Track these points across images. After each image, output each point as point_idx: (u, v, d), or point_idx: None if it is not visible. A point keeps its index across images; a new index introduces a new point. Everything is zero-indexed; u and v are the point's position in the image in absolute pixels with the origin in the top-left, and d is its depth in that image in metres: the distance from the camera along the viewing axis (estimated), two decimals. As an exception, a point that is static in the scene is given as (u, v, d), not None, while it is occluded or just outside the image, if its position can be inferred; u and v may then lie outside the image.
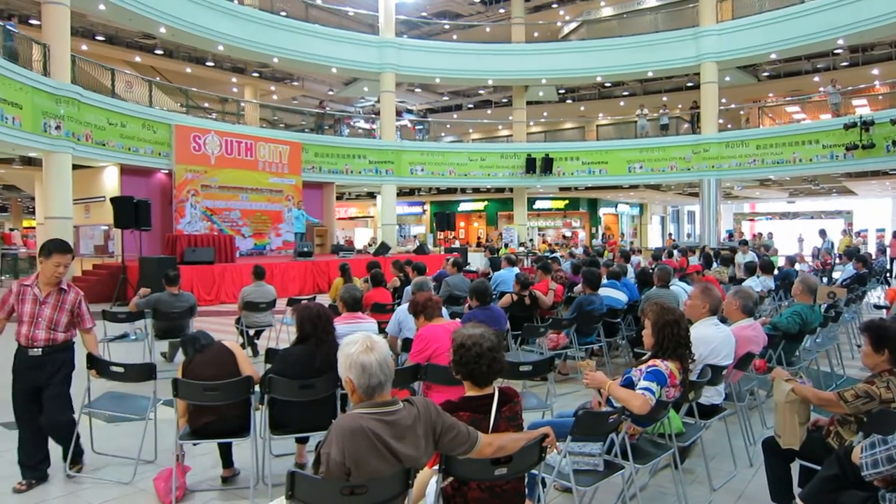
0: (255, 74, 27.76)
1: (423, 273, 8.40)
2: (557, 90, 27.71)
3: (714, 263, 12.37)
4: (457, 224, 31.12)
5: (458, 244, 26.13)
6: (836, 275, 13.54)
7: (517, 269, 9.46)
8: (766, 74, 26.83)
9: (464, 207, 34.98)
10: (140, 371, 4.42)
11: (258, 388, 4.01)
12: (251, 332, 8.33)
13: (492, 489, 2.69)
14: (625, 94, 30.81)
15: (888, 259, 19.55)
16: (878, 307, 11.62)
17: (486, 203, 34.15)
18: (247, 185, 18.63)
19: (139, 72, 21.72)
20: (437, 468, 2.55)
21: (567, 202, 33.47)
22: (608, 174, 23.25)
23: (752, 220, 44.14)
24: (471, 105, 35.09)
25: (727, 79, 23.26)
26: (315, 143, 21.27)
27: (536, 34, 26.95)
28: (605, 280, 7.99)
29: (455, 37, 27.64)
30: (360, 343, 2.40)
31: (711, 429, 4.77)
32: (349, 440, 2.24)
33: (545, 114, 31.99)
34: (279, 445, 4.57)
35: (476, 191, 31.46)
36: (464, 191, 31.33)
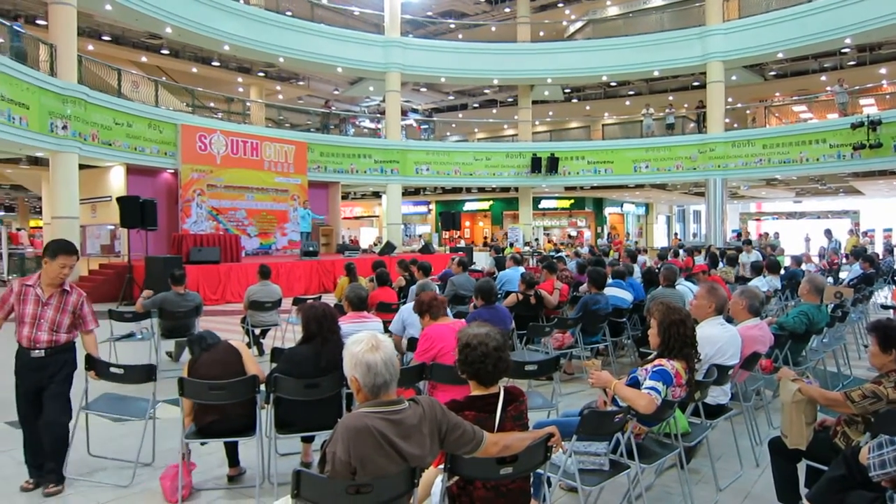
0: (261, 74, 27.82)
1: (429, 273, 8.40)
2: (563, 89, 27.69)
3: (720, 263, 12.33)
4: (462, 223, 31.13)
5: (464, 243, 26.13)
6: (843, 275, 13.49)
7: (522, 269, 9.44)
8: (773, 74, 26.74)
9: (469, 207, 34.96)
10: (140, 372, 4.38)
11: (264, 388, 4.01)
12: (257, 332, 8.34)
13: (497, 488, 2.69)
14: (630, 94, 30.75)
15: (895, 259, 19.46)
16: (886, 307, 11.58)
17: (492, 202, 34.14)
18: (252, 185, 18.67)
19: (145, 72, 21.79)
20: (443, 467, 2.55)
21: (572, 202, 33.43)
22: (614, 174, 23.23)
23: (759, 220, 44.00)
24: (476, 104, 35.08)
25: (733, 78, 23.21)
26: (320, 143, 21.31)
27: (542, 33, 26.97)
28: (611, 279, 7.97)
29: (460, 36, 27.66)
30: (366, 342, 2.40)
31: (717, 429, 4.75)
32: (355, 439, 2.24)
33: (551, 113, 31.94)
34: (285, 444, 4.57)
35: (481, 190, 31.45)
36: (469, 190, 31.33)
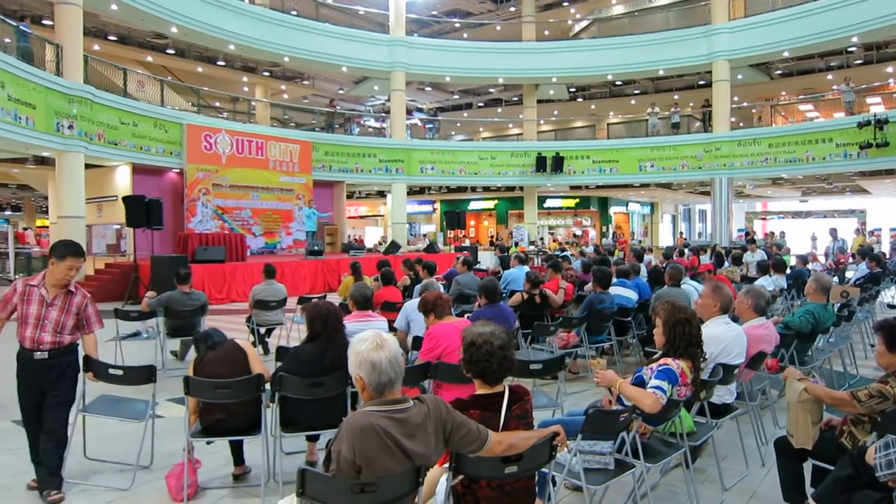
0: (266, 74, 27.83)
1: (434, 272, 8.40)
2: (568, 88, 27.63)
3: (725, 262, 12.31)
4: (467, 223, 31.11)
5: (469, 243, 26.13)
6: (850, 274, 13.44)
7: (527, 268, 9.44)
8: (779, 72, 26.63)
9: (474, 206, 34.95)
10: (140, 373, 4.32)
11: (269, 386, 4.02)
12: (262, 331, 8.37)
13: (502, 487, 2.69)
14: (636, 93, 30.67)
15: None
16: (892, 306, 11.57)
17: (497, 202, 34.13)
18: (258, 184, 18.69)
19: (151, 71, 21.83)
20: (448, 466, 2.55)
21: (577, 201, 33.40)
22: (619, 173, 23.17)
23: (765, 219, 43.91)
24: (481, 104, 35.04)
25: (739, 77, 23.12)
26: (325, 142, 21.32)
27: (547, 32, 26.90)
28: (615, 279, 7.96)
29: (465, 35, 27.63)
30: (371, 341, 2.40)
31: (723, 428, 4.74)
32: (360, 438, 2.24)
33: (556, 112, 31.90)
34: (290, 443, 4.57)
35: (486, 189, 31.46)
36: (474, 189, 31.34)
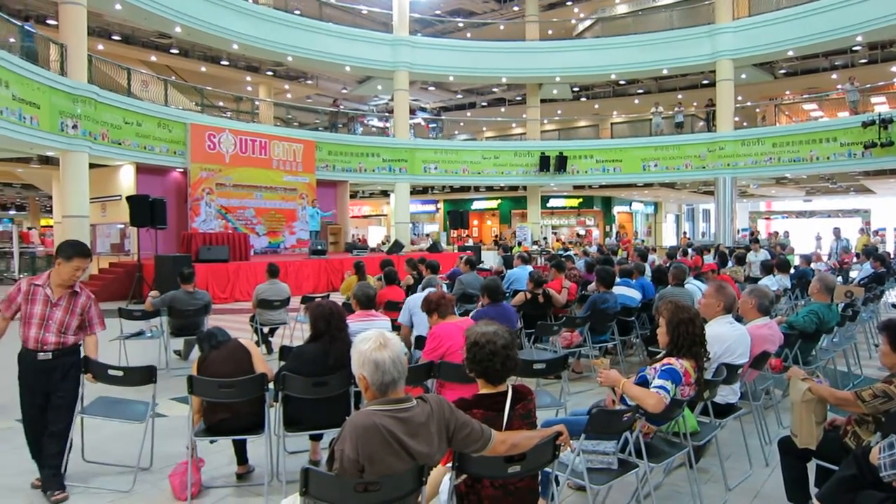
0: (270, 73, 27.88)
1: (437, 271, 8.40)
2: (572, 88, 27.62)
3: (729, 262, 12.28)
4: (470, 222, 31.09)
5: (472, 242, 26.13)
6: (854, 274, 13.41)
7: (531, 268, 9.44)
8: (783, 72, 26.59)
9: (477, 206, 34.96)
10: (139, 374, 4.28)
11: (272, 386, 4.02)
12: (265, 330, 8.38)
13: (505, 487, 2.69)
14: (640, 92, 30.65)
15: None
16: (897, 306, 11.50)
17: (500, 201, 34.12)
18: (261, 184, 18.71)
19: (155, 71, 21.87)
20: (451, 465, 2.55)
21: (581, 200, 33.38)
22: (622, 172, 23.16)
23: (768, 219, 43.85)
24: (484, 103, 35.06)
25: (743, 76, 23.08)
26: (329, 142, 21.33)
27: (551, 32, 26.89)
28: (619, 278, 7.95)
29: (469, 35, 27.64)
30: (374, 340, 2.40)
31: (726, 428, 4.74)
32: (363, 437, 2.24)
33: (559, 112, 31.89)
34: (293, 442, 4.58)
35: (489, 189, 31.47)
36: (477, 189, 31.34)
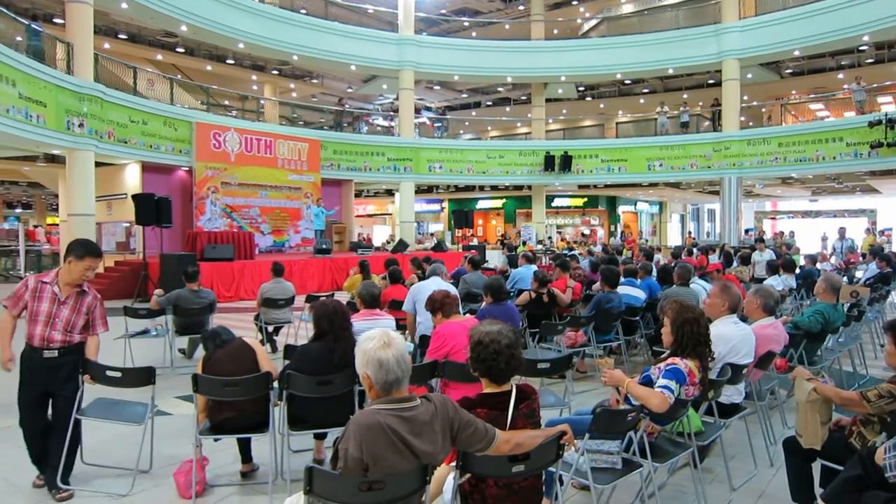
0: (275, 72, 27.89)
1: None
2: (577, 87, 27.60)
3: (734, 262, 12.26)
4: (475, 222, 31.12)
5: (477, 242, 26.12)
6: (859, 273, 13.35)
7: (535, 267, 9.43)
8: (789, 71, 26.46)
9: (482, 205, 34.95)
10: (138, 376, 4.21)
11: (277, 385, 4.03)
12: (270, 329, 8.39)
13: (509, 486, 2.70)
14: (645, 92, 30.57)
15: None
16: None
17: (505, 201, 34.08)
18: (266, 183, 18.74)
19: (161, 70, 21.90)
20: (455, 465, 2.55)
21: (586, 200, 33.32)
22: (627, 172, 23.11)
23: (774, 219, 43.73)
24: (489, 102, 35.00)
25: (749, 76, 23.01)
26: (334, 141, 21.36)
27: (556, 31, 26.85)
28: (623, 278, 7.94)
29: (474, 34, 27.61)
30: (378, 339, 2.41)
31: (731, 428, 4.73)
32: (367, 436, 2.25)
33: (564, 111, 31.84)
34: (297, 441, 4.59)
35: (494, 188, 31.41)
36: (482, 188, 31.30)
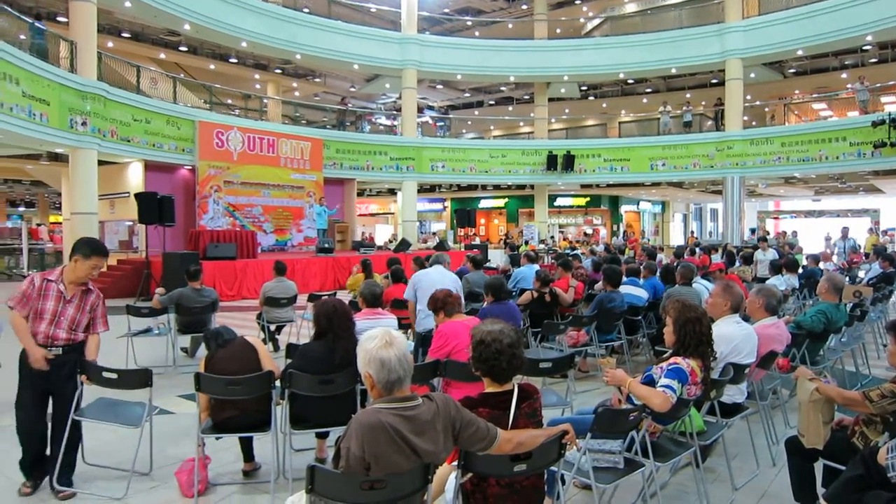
0: (278, 71, 27.91)
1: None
2: (579, 87, 27.55)
3: (736, 261, 12.26)
4: (477, 221, 31.10)
5: (479, 241, 26.11)
6: (861, 273, 13.33)
7: (537, 266, 9.43)
8: (793, 71, 26.41)
9: (484, 204, 34.94)
10: (135, 377, 4.15)
11: (279, 383, 4.03)
12: (272, 328, 8.39)
13: (511, 485, 2.70)
14: (648, 91, 30.54)
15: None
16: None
17: (507, 200, 34.08)
18: (269, 182, 18.75)
19: (164, 68, 21.92)
20: (457, 464, 2.55)
21: (588, 199, 33.30)
22: (630, 171, 23.11)
23: (777, 218, 43.67)
24: (492, 102, 34.98)
25: (752, 75, 22.95)
26: (336, 140, 21.37)
27: (559, 31, 26.82)
28: (626, 277, 7.94)
29: (477, 33, 27.59)
30: (380, 338, 2.41)
31: (733, 427, 4.72)
32: (368, 435, 2.25)
33: (567, 111, 31.82)
34: (299, 440, 4.59)
35: (497, 188, 31.42)
36: (484, 188, 31.30)
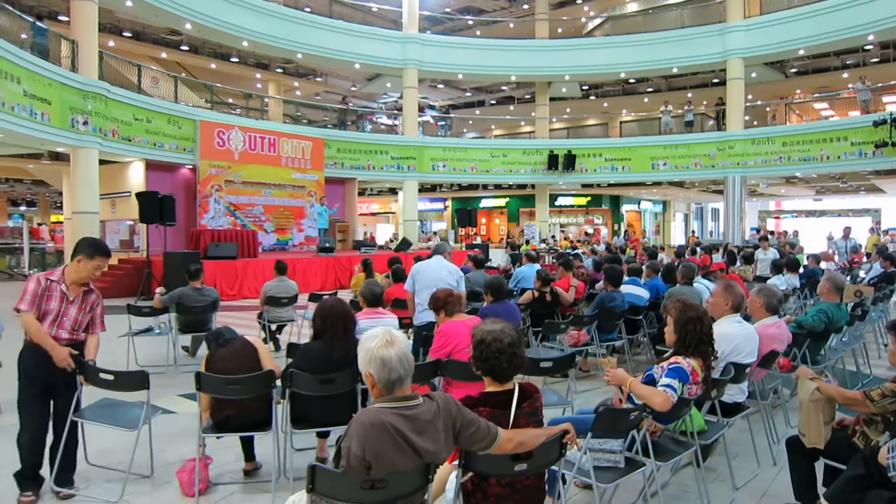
0: (279, 70, 27.92)
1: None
2: (581, 86, 27.56)
3: (737, 261, 12.24)
4: (478, 220, 31.08)
5: (480, 240, 26.11)
6: (862, 273, 13.32)
7: (538, 266, 9.43)
8: (794, 70, 26.39)
9: (485, 204, 34.96)
10: (131, 379, 4.08)
11: (279, 383, 4.04)
12: (273, 327, 8.40)
13: (512, 485, 2.70)
14: (649, 91, 30.54)
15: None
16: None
17: (508, 199, 34.09)
18: (270, 181, 18.74)
19: (165, 68, 21.93)
20: (457, 463, 2.55)
21: (589, 199, 33.31)
22: (631, 171, 23.08)
23: (778, 218, 43.64)
24: (493, 101, 34.98)
25: (753, 75, 22.94)
26: (337, 139, 21.37)
27: (560, 30, 26.81)
28: (627, 277, 7.94)
29: (478, 32, 27.59)
30: (381, 337, 2.41)
31: (734, 427, 4.73)
32: (369, 434, 2.25)
33: (568, 110, 31.82)
34: (300, 440, 4.59)
35: (498, 187, 31.43)
36: (485, 187, 31.32)
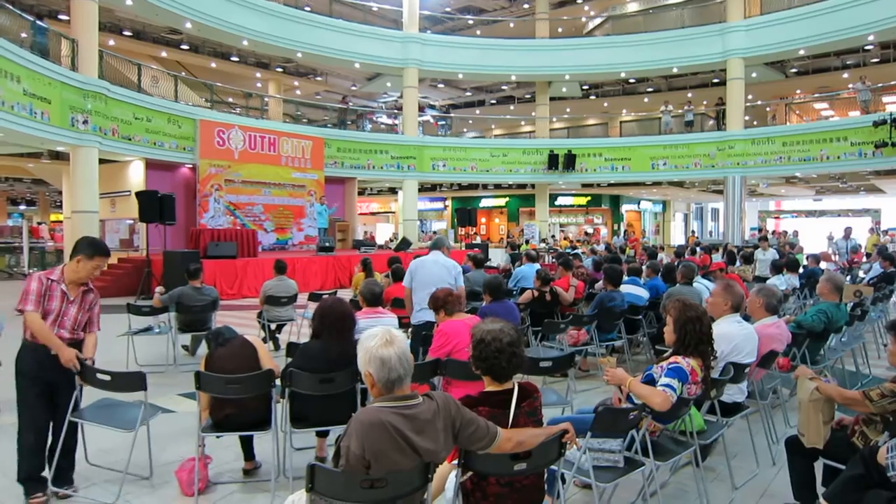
0: (279, 69, 27.92)
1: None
2: (581, 86, 27.56)
3: (737, 261, 12.25)
4: (478, 220, 31.10)
5: (479, 240, 26.12)
6: (861, 273, 13.33)
7: (538, 266, 9.43)
8: (794, 71, 26.39)
9: (485, 203, 34.96)
10: (129, 380, 4.04)
11: (279, 382, 4.03)
12: (273, 327, 8.40)
13: (511, 484, 2.70)
14: (649, 91, 30.53)
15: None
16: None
17: (508, 199, 34.09)
18: (269, 180, 18.74)
19: (165, 67, 21.94)
20: (457, 462, 2.55)
21: (589, 199, 33.32)
22: (631, 171, 23.09)
23: (778, 218, 43.66)
24: (493, 101, 34.97)
25: (753, 75, 22.94)
26: (337, 139, 21.37)
27: (561, 30, 26.81)
28: (626, 277, 7.94)
29: (479, 32, 27.58)
30: (380, 337, 2.41)
31: (733, 427, 4.73)
32: (368, 434, 2.25)
33: (568, 110, 31.82)
34: (300, 439, 4.59)
35: (498, 187, 31.43)
36: (485, 187, 31.31)
